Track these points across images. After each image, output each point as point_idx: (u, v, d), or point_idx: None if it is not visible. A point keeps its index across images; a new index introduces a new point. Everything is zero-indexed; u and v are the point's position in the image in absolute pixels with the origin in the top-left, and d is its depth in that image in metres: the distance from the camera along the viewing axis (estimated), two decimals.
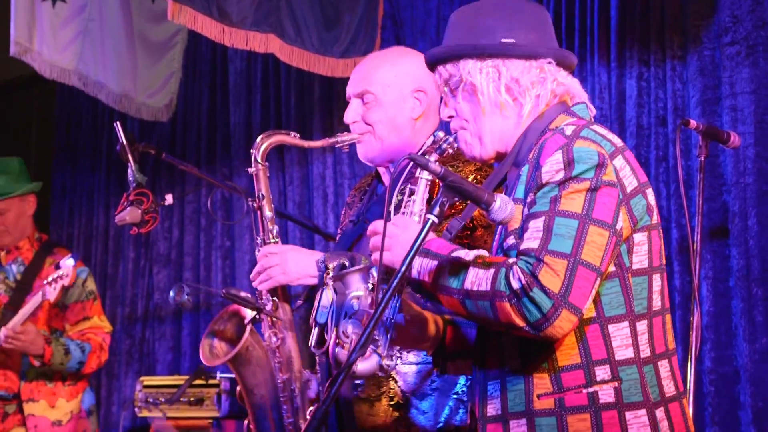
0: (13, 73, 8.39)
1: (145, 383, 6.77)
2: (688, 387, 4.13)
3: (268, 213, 3.83)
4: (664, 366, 2.82)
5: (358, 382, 3.58)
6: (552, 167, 2.73)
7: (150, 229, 5.00)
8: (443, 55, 3.03)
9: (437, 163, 2.82)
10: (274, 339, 3.75)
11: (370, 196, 3.88)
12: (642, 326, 2.79)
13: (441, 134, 3.07)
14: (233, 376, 6.21)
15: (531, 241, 2.68)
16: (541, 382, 2.76)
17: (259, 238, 3.85)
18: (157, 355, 7.81)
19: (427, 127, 3.74)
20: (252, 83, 7.54)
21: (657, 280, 2.85)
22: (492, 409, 2.86)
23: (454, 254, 2.78)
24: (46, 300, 5.50)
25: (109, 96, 6.85)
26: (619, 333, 2.76)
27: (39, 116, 9.22)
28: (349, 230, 3.83)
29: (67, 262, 5.52)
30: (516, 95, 2.95)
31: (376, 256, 2.88)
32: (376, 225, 2.90)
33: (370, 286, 2.98)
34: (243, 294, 3.74)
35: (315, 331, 3.17)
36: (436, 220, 2.72)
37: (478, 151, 3.02)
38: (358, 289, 3.06)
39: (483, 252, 2.81)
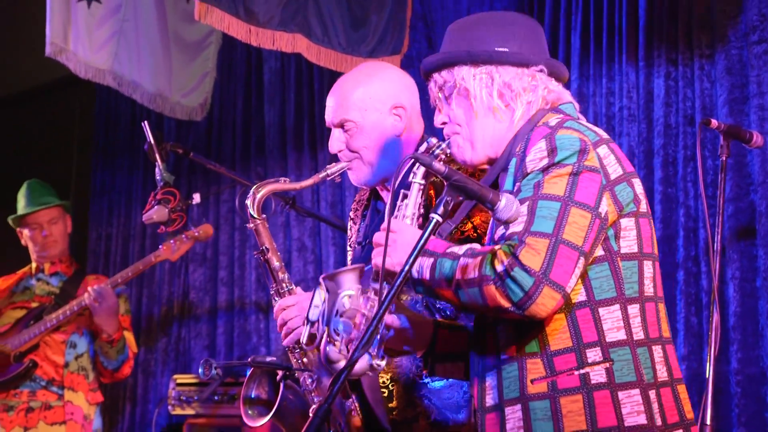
0: (56, 74, 8.46)
1: (179, 381, 6.82)
2: (708, 387, 4.11)
3: (276, 263, 3.86)
4: (657, 351, 2.89)
5: (391, 405, 3.60)
6: (536, 155, 2.83)
7: (177, 227, 5.05)
8: (438, 62, 3.13)
9: (441, 162, 2.84)
10: (309, 381, 3.77)
11: (372, 215, 3.88)
12: (634, 309, 2.87)
13: (434, 140, 3.16)
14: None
15: (516, 225, 2.76)
16: (534, 366, 2.84)
17: (272, 289, 3.88)
18: (193, 353, 7.84)
19: (412, 139, 3.73)
20: (286, 82, 7.56)
21: (649, 267, 2.93)
22: (490, 399, 2.93)
23: (449, 250, 2.85)
24: (161, 259, 5.74)
25: (144, 95, 6.89)
26: (610, 316, 2.84)
27: (80, 116, 9.29)
28: (358, 253, 3.84)
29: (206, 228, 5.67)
30: (508, 101, 3.05)
31: (376, 261, 2.96)
32: (379, 237, 2.98)
33: (370, 291, 3.04)
34: (269, 359, 3.77)
35: (306, 329, 3.20)
36: (440, 219, 2.78)
37: (469, 155, 3.10)
38: (350, 289, 3.11)
39: (475, 245, 2.88)
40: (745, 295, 5.16)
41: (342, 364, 2.96)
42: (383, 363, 2.88)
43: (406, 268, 2.71)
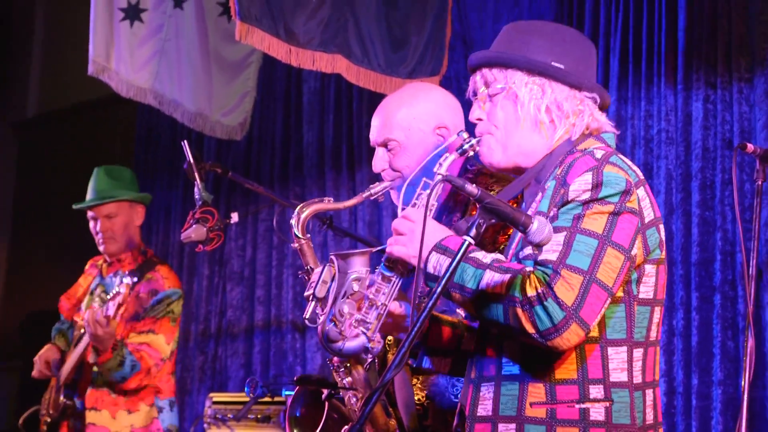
0: (99, 92, 8.54)
1: (215, 399, 6.82)
2: (742, 413, 4.08)
3: None
4: (649, 395, 2.91)
5: (426, 423, 3.62)
6: (580, 186, 2.81)
7: (215, 246, 5.06)
8: (494, 59, 3.08)
9: (474, 185, 2.84)
10: (354, 400, 3.77)
11: None
12: (638, 353, 2.88)
13: (465, 135, 3.13)
14: None
15: (550, 253, 2.76)
16: (536, 390, 2.84)
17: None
18: (229, 372, 7.87)
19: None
20: (325, 103, 7.60)
21: (657, 313, 2.94)
22: (482, 409, 2.93)
23: (472, 255, 2.85)
24: (107, 315, 5.42)
25: (185, 114, 6.94)
26: (617, 356, 2.85)
27: (121, 134, 9.37)
28: None
29: (125, 281, 5.50)
30: (553, 117, 3.01)
31: (391, 248, 2.99)
32: (397, 223, 3.00)
33: (378, 276, 3.07)
34: (315, 377, 3.78)
35: (311, 305, 3.22)
36: (472, 241, 2.76)
37: (497, 158, 3.08)
38: (359, 272, 3.13)
39: (500, 256, 2.88)
40: None
41: (340, 344, 3.03)
42: (378, 347, 3.00)
43: (443, 283, 2.69)
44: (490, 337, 2.98)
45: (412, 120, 3.70)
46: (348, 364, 3.74)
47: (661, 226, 2.94)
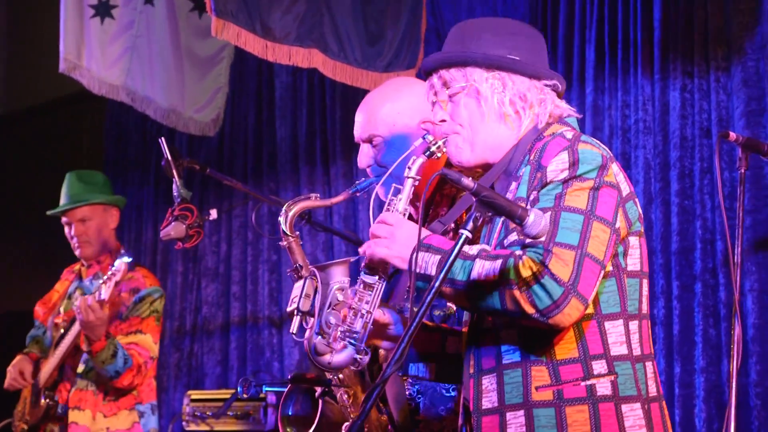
0: (66, 90, 8.48)
1: (193, 397, 6.79)
2: (731, 400, 4.10)
3: None
4: (649, 367, 2.95)
5: (418, 418, 3.59)
6: (558, 166, 2.85)
7: (194, 243, 5.03)
8: (451, 59, 3.09)
9: (470, 178, 2.83)
10: (345, 397, 3.76)
11: None
12: (634, 326, 2.92)
13: (430, 137, 3.15)
14: (279, 389, 6.25)
15: None
16: (540, 374, 2.85)
17: None
18: (206, 368, 7.84)
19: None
20: (298, 97, 7.58)
21: (645, 286, 2.98)
22: (488, 402, 2.92)
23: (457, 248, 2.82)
24: (101, 299, 5.39)
25: (157, 111, 6.92)
26: (615, 330, 2.88)
27: (90, 132, 9.30)
28: None
29: (122, 260, 5.46)
30: (518, 109, 3.04)
31: (370, 251, 3.01)
32: (376, 228, 3.01)
33: (359, 283, 3.08)
34: (309, 376, 3.77)
35: (297, 319, 3.20)
36: (470, 235, 2.75)
37: (466, 156, 3.09)
38: (341, 282, 3.15)
39: (486, 246, 2.90)
40: (764, 306, 5.16)
41: (329, 357, 3.03)
42: (367, 357, 3.01)
43: (436, 284, 2.67)
44: (484, 329, 2.97)
45: (396, 115, 3.68)
46: None
47: (637, 200, 2.98)
